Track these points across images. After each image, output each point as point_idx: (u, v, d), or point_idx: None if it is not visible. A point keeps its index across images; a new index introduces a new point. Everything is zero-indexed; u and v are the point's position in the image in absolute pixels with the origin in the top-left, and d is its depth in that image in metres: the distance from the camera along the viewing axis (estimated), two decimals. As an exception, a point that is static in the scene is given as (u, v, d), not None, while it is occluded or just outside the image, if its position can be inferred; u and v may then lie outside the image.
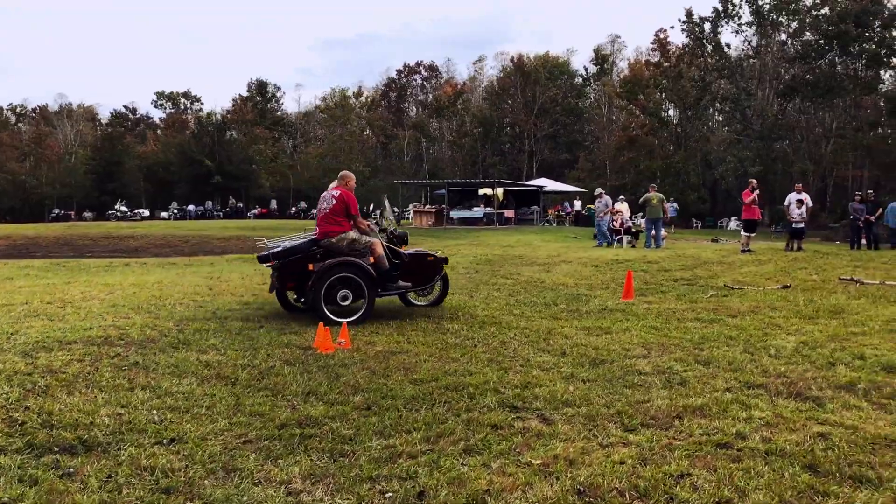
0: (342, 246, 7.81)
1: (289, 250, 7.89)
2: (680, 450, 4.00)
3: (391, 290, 8.07)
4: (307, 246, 7.90)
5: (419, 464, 3.77)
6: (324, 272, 7.45)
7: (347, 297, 7.60)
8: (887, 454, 3.96)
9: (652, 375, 5.77)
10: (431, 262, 8.61)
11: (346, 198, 7.97)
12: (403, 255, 8.30)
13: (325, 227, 7.88)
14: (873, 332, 7.74)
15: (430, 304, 8.96)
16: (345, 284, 7.58)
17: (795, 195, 18.12)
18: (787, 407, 4.91)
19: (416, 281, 8.41)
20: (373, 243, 7.90)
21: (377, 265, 7.80)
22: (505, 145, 69.67)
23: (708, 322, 8.29)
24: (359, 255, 7.78)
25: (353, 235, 7.88)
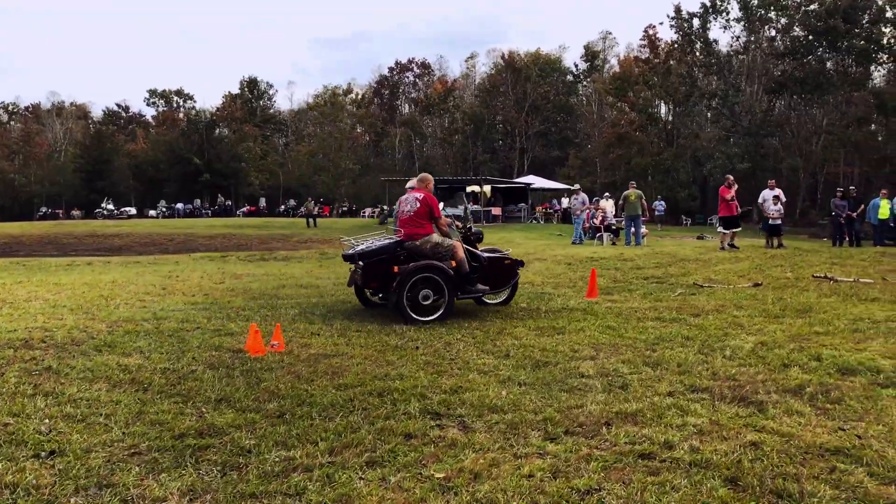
0: (426, 249, 8.00)
1: (374, 251, 8.08)
2: (598, 461, 3.74)
3: (470, 293, 8.27)
4: (392, 247, 8.11)
5: (312, 478, 3.50)
6: (408, 274, 7.69)
7: (428, 297, 7.80)
8: (818, 465, 3.71)
9: (594, 378, 5.51)
10: (508, 265, 8.73)
11: (430, 200, 8.15)
12: (482, 259, 8.43)
13: (410, 229, 8.08)
14: (837, 332, 7.51)
15: (500, 303, 9.02)
16: (426, 285, 7.79)
17: (770, 191, 17.89)
18: (727, 413, 4.66)
19: (494, 283, 8.55)
20: (455, 247, 8.06)
21: (458, 268, 7.99)
22: (496, 143, 69.46)
23: (668, 321, 8.04)
24: (441, 257, 7.97)
25: (436, 238, 8.07)
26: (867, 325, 7.85)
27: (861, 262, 14.44)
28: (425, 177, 8.53)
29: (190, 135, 61.66)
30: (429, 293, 7.81)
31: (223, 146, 62.99)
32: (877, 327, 7.75)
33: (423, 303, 7.77)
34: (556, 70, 69.62)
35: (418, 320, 7.58)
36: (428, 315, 7.72)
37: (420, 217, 8.07)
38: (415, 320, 7.57)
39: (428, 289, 7.80)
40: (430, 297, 7.82)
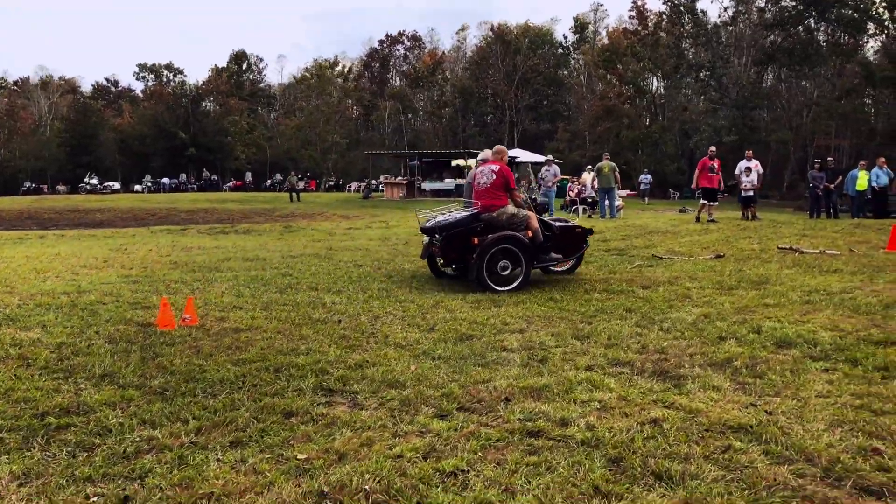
0: (502, 220, 8.12)
1: (451, 223, 8.25)
2: (479, 440, 3.49)
3: (545, 262, 8.41)
4: (469, 220, 8.26)
5: (163, 460, 3.25)
6: (487, 245, 7.86)
7: (506, 268, 7.98)
8: (714, 443, 3.47)
9: (515, 352, 5.27)
10: (579, 233, 8.83)
11: (506, 172, 8.25)
12: (554, 228, 8.53)
13: (486, 201, 8.19)
14: (787, 304, 7.27)
15: (565, 271, 9.15)
16: (504, 256, 7.95)
17: (745, 163, 17.59)
18: (641, 388, 4.41)
19: (567, 252, 8.67)
20: (529, 217, 8.19)
21: (533, 238, 8.12)
22: (486, 116, 68.84)
23: (615, 293, 7.79)
24: (516, 228, 8.12)
25: (511, 210, 8.18)
26: (821, 297, 7.61)
27: (833, 233, 14.19)
28: (500, 149, 8.64)
29: (175, 109, 60.87)
30: (506, 264, 7.96)
31: (209, 120, 62.27)
32: (829, 299, 7.51)
33: (500, 273, 7.94)
34: (546, 42, 68.79)
35: (498, 290, 7.75)
36: (506, 285, 7.88)
37: (496, 189, 8.17)
38: (494, 290, 7.74)
39: (506, 259, 7.95)
40: (508, 267, 7.97)
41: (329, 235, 13.91)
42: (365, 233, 14.51)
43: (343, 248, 11.57)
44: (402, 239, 13.06)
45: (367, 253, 10.90)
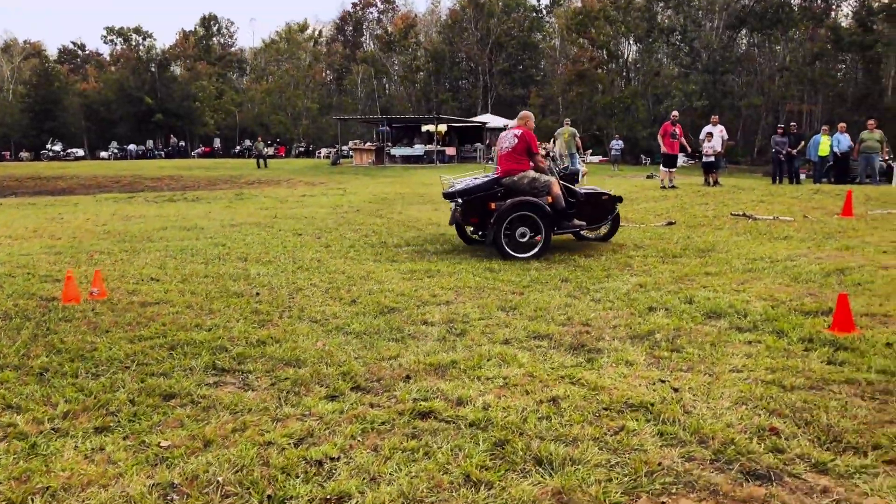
0: (523, 185, 7.95)
1: (472, 188, 8.16)
2: (362, 423, 3.30)
3: (566, 229, 8.25)
4: (489, 185, 8.13)
5: (12, 450, 3.02)
6: (504, 211, 7.68)
7: (525, 234, 7.80)
8: (609, 424, 3.30)
9: (436, 326, 5.07)
10: (606, 200, 8.61)
11: (528, 137, 8.08)
12: (579, 195, 8.32)
13: (507, 165, 8.06)
14: (729, 272, 7.15)
15: (600, 238, 9.03)
16: (523, 222, 7.77)
17: (709, 128, 17.44)
18: (553, 363, 4.24)
19: (591, 219, 8.48)
20: (551, 183, 8.00)
21: (554, 204, 7.93)
22: (460, 81, 68.03)
23: (555, 263, 7.62)
24: (538, 193, 7.93)
25: (532, 174, 8.00)
26: (764, 265, 7.50)
27: (791, 199, 14.12)
28: (525, 114, 8.48)
29: (141, 73, 59.40)
30: (525, 231, 7.79)
31: (176, 85, 60.92)
32: (772, 267, 7.40)
33: (520, 240, 7.77)
34: (520, 6, 67.80)
35: (516, 257, 7.61)
36: (525, 252, 7.71)
37: (517, 153, 8.03)
38: (512, 257, 7.60)
39: (524, 226, 7.78)
40: (527, 234, 7.80)
41: (280, 203, 13.59)
42: (318, 200, 14.20)
43: (289, 216, 11.28)
44: (355, 207, 12.78)
45: (312, 221, 10.62)
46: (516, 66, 66.30)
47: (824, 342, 4.63)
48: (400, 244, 8.64)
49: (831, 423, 3.27)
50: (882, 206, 13.12)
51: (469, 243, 8.70)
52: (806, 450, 3.00)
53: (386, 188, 17.71)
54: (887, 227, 10.57)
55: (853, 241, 9.22)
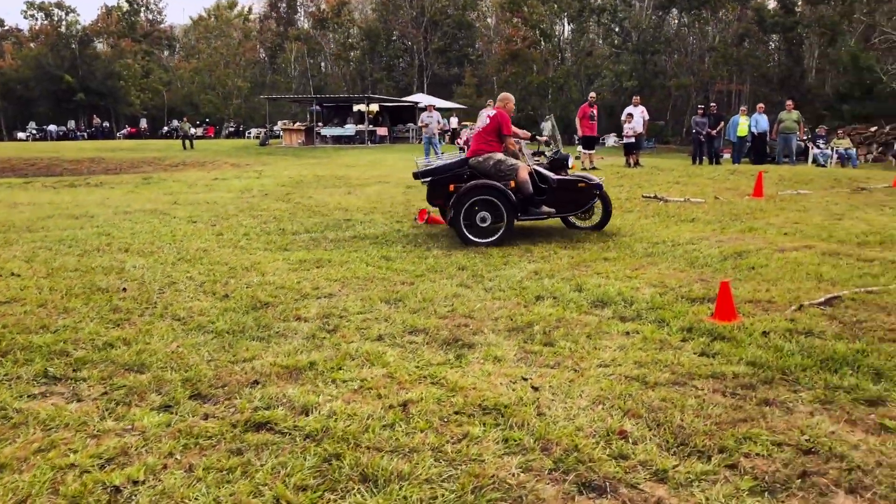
0: (488, 166, 7.76)
1: (439, 168, 8.07)
2: (188, 438, 3.02)
3: (532, 216, 7.92)
4: (457, 165, 8.00)
5: None
6: (463, 194, 7.51)
7: (487, 219, 7.61)
8: (455, 431, 3.10)
9: (309, 322, 4.81)
10: (582, 188, 8.22)
11: (501, 118, 7.87)
12: (551, 181, 8.01)
13: (476, 145, 7.91)
14: (627, 257, 7.07)
15: (592, 227, 8.63)
16: (485, 206, 7.59)
17: (629, 108, 17.49)
18: (419, 361, 4.03)
19: (563, 207, 8.17)
20: (518, 167, 7.75)
21: (518, 189, 7.68)
22: (394, 60, 67.16)
23: (456, 249, 7.42)
24: (503, 176, 7.71)
25: (498, 156, 7.79)
26: (664, 249, 7.46)
27: (708, 180, 14.26)
28: (505, 96, 8.26)
29: (61, 50, 56.77)
30: (486, 215, 7.60)
31: (98, 63, 58.48)
32: (672, 251, 7.36)
33: (480, 225, 7.59)
34: (456, -17, 67.12)
35: (476, 242, 7.45)
36: (486, 237, 7.54)
37: (487, 133, 7.85)
38: (472, 242, 7.45)
39: (486, 211, 7.59)
40: (488, 219, 7.60)
41: (188, 188, 13.04)
42: (229, 184, 13.69)
43: (191, 202, 10.80)
44: (265, 191, 12.34)
45: (213, 207, 10.18)
46: (452, 45, 65.73)
47: (703, 332, 4.54)
48: (298, 231, 8.31)
49: (684, 423, 3.14)
50: (793, 187, 13.36)
51: None
52: (651, 455, 2.85)
53: (306, 170, 17.25)
54: (793, 208, 10.73)
55: (758, 223, 9.30)
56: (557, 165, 8.42)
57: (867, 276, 6.04)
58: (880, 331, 4.50)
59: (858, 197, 12.24)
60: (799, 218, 9.65)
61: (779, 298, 5.33)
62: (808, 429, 3.09)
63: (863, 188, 13.58)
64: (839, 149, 20.03)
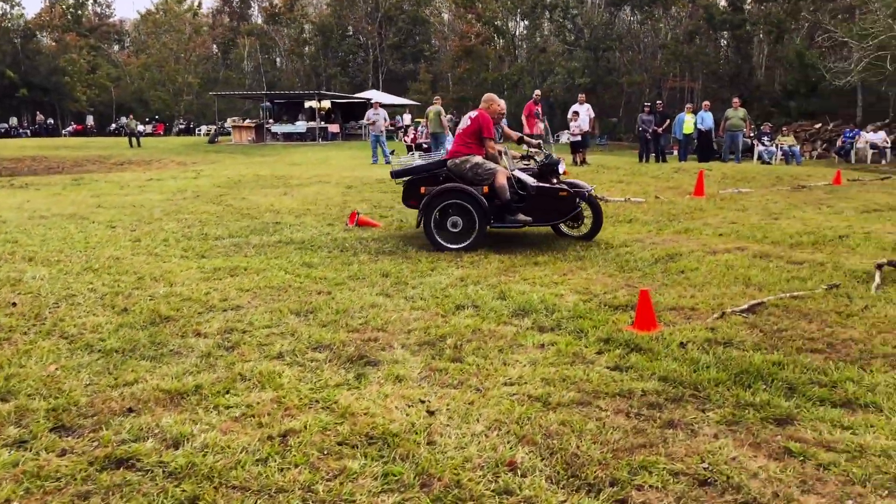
0: (464, 169, 7.50)
1: (416, 169, 7.85)
2: (31, 480, 2.73)
3: (508, 223, 7.58)
4: (434, 166, 7.77)
5: None
6: (434, 196, 7.34)
7: (458, 224, 7.37)
8: (331, 466, 2.86)
9: (208, 338, 4.52)
10: (563, 197, 7.72)
11: (482, 120, 7.59)
12: (529, 188, 7.62)
13: (455, 147, 7.71)
14: (558, 261, 6.92)
15: (583, 237, 8.13)
16: (456, 211, 7.35)
17: (575, 106, 17.42)
18: (316, 382, 3.80)
19: (540, 216, 7.72)
20: (496, 172, 7.43)
21: (493, 195, 7.38)
22: (349, 55, 66.52)
23: (383, 254, 7.18)
24: (480, 180, 7.44)
25: (476, 160, 7.48)
26: (597, 252, 7.32)
27: (652, 178, 14.23)
28: (489, 97, 7.98)
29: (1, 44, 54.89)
30: (457, 220, 7.35)
31: (42, 58, 56.72)
32: (605, 254, 7.22)
33: (451, 229, 7.36)
34: (410, -21, 66.69)
35: (446, 246, 7.25)
36: (458, 242, 7.30)
37: (467, 135, 7.59)
38: (442, 246, 7.24)
39: (457, 215, 7.34)
40: (460, 224, 7.35)
41: (119, 189, 12.54)
42: (163, 185, 13.22)
43: (117, 205, 10.35)
44: (198, 192, 11.93)
45: (137, 211, 9.76)
46: (407, 40, 65.35)
47: (620, 343, 4.38)
48: (222, 236, 7.97)
49: (579, 451, 2.94)
50: (735, 185, 13.40)
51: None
52: (537, 490, 2.65)
53: (249, 169, 16.80)
54: (733, 207, 10.71)
55: (695, 224, 9.23)
56: (548, 170, 8.03)
57: (795, 279, 5.95)
58: (799, 340, 4.38)
59: (798, 195, 12.31)
60: (737, 217, 9.61)
61: (703, 305, 5.20)
62: (710, 454, 2.92)
63: (803, 186, 13.69)
64: (784, 146, 20.25)
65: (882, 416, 3.31)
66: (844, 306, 5.11)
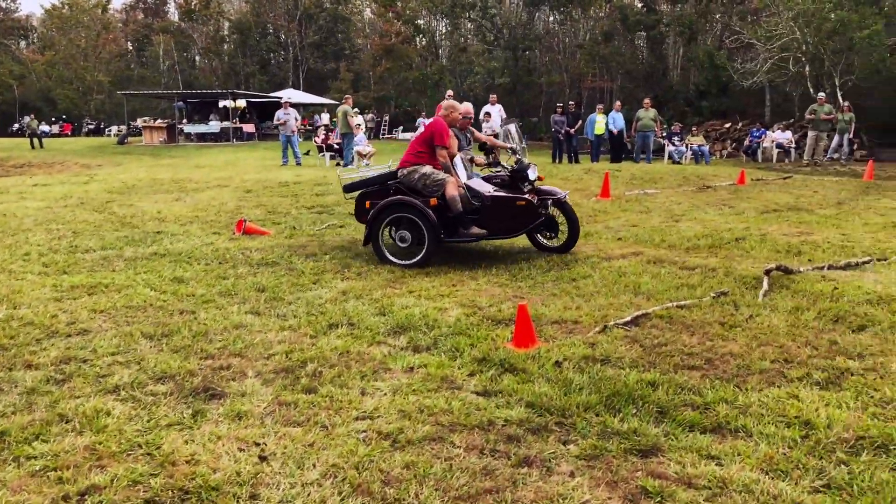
0: (413, 180, 7.02)
1: (367, 181, 7.42)
2: None
3: (462, 237, 7.04)
4: (385, 178, 7.31)
5: None
6: (380, 211, 6.92)
7: (407, 239, 6.97)
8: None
9: (40, 369, 4.06)
10: (522, 206, 7.02)
11: (435, 127, 7.12)
12: (484, 198, 7.03)
13: (405, 156, 7.20)
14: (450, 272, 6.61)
15: (559, 249, 7.43)
16: (405, 225, 6.94)
17: (486, 107, 17.25)
18: (147, 421, 3.38)
19: (497, 228, 7.09)
20: (446, 182, 6.92)
21: (445, 208, 6.85)
22: (269, 54, 65.13)
23: (267, 265, 6.75)
24: (429, 192, 6.96)
25: (425, 170, 6.99)
26: (492, 262, 7.07)
27: (561, 180, 14.12)
28: (448, 104, 7.53)
29: None
30: (406, 235, 6.95)
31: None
32: (498, 263, 6.98)
33: (400, 245, 6.99)
34: (330, -24, 65.69)
35: (395, 262, 6.80)
36: (407, 259, 6.86)
37: (419, 144, 7.18)
38: (391, 262, 6.81)
39: (405, 230, 6.94)
40: (409, 239, 6.93)
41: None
42: (49, 191, 12.36)
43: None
44: (84, 199, 11.18)
45: (6, 220, 9.01)
46: (329, 39, 64.42)
47: (495, 363, 4.11)
48: (93, 248, 7.38)
49: (419, 501, 2.62)
50: (642, 186, 13.42)
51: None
52: (358, 555, 2.31)
53: (148, 172, 15.96)
54: (636, 209, 10.66)
55: (596, 227, 9.12)
56: (518, 177, 7.40)
57: (685, 287, 5.82)
58: (678, 356, 4.19)
59: (702, 196, 12.40)
60: (638, 220, 9.54)
61: (587, 318, 4.98)
62: (561, 499, 2.65)
63: (708, 186, 13.83)
64: (693, 145, 20.57)
65: (751, 443, 3.11)
66: (730, 316, 4.97)
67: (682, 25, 34.32)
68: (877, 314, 4.87)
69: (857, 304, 5.11)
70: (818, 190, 13.59)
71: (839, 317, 4.88)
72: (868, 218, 10.10)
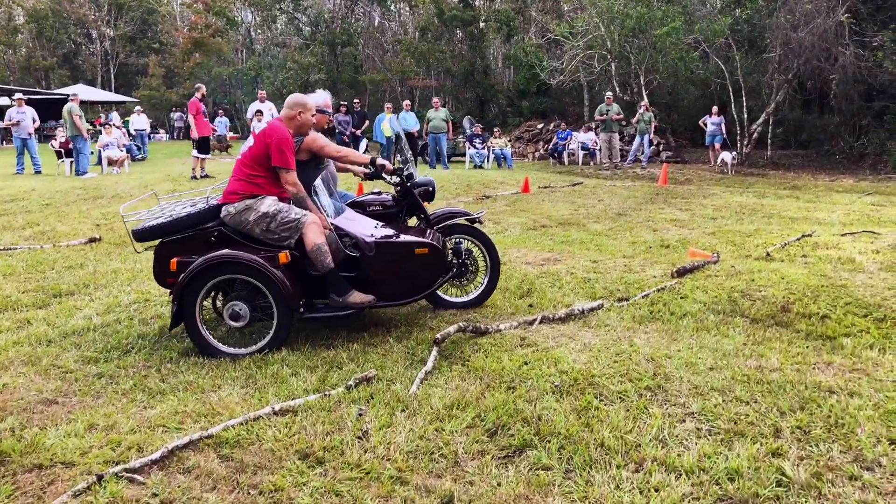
0: (247, 222, 4.46)
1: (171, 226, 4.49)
2: None
3: (333, 310, 4.56)
4: (198, 219, 4.52)
5: None
6: (196, 275, 4.29)
7: (241, 316, 4.44)
8: None
9: None
10: (423, 255, 4.70)
11: (271, 137, 4.44)
12: (364, 246, 4.65)
13: (231, 184, 4.57)
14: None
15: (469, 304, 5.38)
16: (240, 293, 4.44)
17: (255, 104, 15.34)
18: None
19: (390, 291, 4.71)
20: (304, 223, 4.45)
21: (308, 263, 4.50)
22: (74, 46, 59.46)
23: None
24: (277, 239, 4.48)
25: (268, 205, 4.46)
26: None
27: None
28: (297, 102, 4.70)
29: None
30: (241, 308, 4.44)
31: None
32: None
33: (232, 323, 4.47)
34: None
35: (226, 353, 4.39)
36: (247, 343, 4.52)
37: (251, 163, 4.54)
38: (219, 352, 4.38)
39: (241, 300, 4.44)
40: (244, 315, 4.45)
41: None
42: None
43: None
44: None
45: None
46: (145, 32, 59.72)
47: None
48: None
49: None
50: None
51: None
52: None
53: None
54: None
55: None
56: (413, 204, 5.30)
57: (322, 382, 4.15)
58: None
59: (476, 208, 11.03)
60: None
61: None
62: None
63: (488, 196, 12.58)
64: (495, 149, 19.49)
65: None
66: (325, 437, 3.32)
67: (500, 22, 33.65)
68: (554, 417, 3.38)
69: (538, 395, 3.63)
70: (603, 198, 12.69)
71: (497, 427, 3.36)
72: (638, 235, 9.08)
